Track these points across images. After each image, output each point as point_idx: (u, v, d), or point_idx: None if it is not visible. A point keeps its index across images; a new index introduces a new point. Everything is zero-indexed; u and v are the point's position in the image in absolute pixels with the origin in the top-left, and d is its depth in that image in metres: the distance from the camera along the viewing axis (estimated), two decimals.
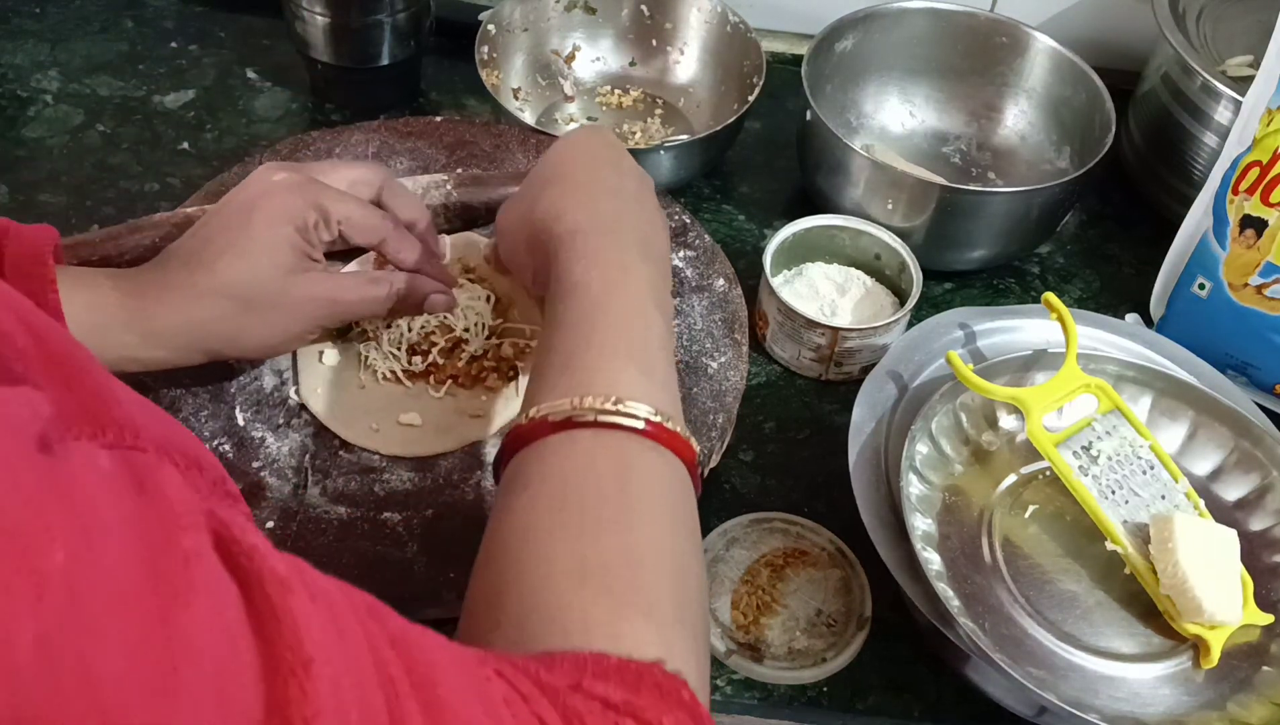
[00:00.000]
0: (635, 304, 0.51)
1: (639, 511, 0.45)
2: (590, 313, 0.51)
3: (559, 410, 0.47)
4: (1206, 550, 0.63)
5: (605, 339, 0.50)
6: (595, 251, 0.53)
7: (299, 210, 0.60)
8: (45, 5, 1.01)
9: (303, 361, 0.67)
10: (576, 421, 0.46)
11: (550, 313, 0.52)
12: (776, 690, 0.65)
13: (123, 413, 0.34)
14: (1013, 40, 0.92)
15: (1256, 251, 0.75)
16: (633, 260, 0.53)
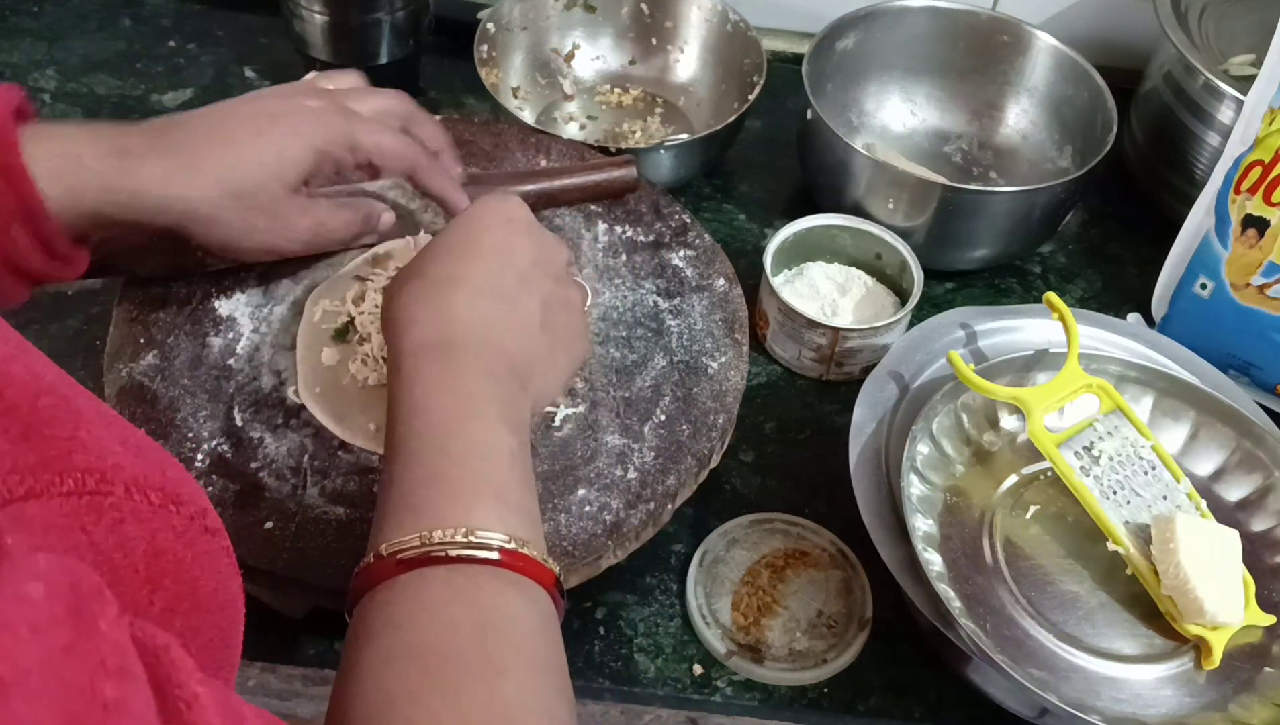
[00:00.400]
0: (480, 430, 0.48)
1: (501, 662, 0.42)
2: (433, 441, 0.47)
3: (408, 547, 0.44)
4: (1208, 551, 0.63)
5: (450, 471, 0.47)
6: (437, 373, 0.49)
7: (325, 137, 0.60)
8: (43, 4, 1.00)
9: (302, 361, 0.66)
10: (427, 558, 0.43)
11: (391, 436, 0.49)
12: (777, 691, 0.65)
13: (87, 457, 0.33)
14: (1014, 39, 0.92)
15: (1258, 251, 0.75)
16: (477, 380, 0.50)
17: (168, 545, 0.36)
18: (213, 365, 0.66)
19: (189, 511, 0.37)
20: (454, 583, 0.44)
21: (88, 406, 0.38)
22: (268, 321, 0.69)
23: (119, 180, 0.56)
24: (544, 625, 0.45)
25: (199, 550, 0.37)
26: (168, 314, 0.68)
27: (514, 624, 0.44)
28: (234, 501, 0.61)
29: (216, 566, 0.38)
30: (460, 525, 0.44)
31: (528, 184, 0.75)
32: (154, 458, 0.38)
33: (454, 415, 0.48)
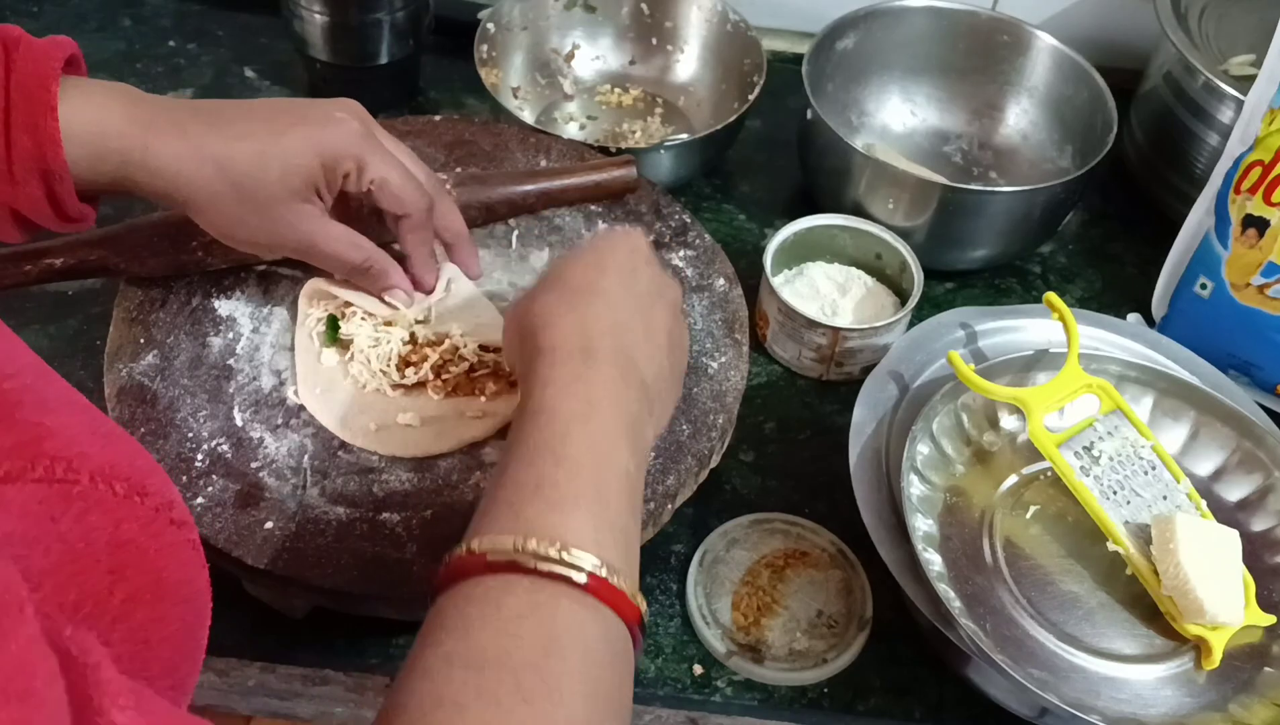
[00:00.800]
0: (601, 442, 0.48)
1: (558, 687, 0.41)
2: (551, 445, 0.47)
3: (499, 549, 0.43)
4: (1208, 551, 0.63)
5: (560, 478, 0.46)
6: (569, 376, 0.49)
7: (338, 148, 0.60)
8: (43, 3, 1.00)
9: (301, 361, 0.66)
10: (515, 566, 0.43)
11: (512, 432, 0.48)
12: (777, 691, 0.65)
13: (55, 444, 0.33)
14: (1014, 39, 0.92)
15: (1258, 251, 0.74)
16: (608, 392, 0.49)
17: (131, 536, 0.36)
18: (213, 365, 0.66)
19: (155, 503, 0.37)
20: (534, 597, 0.43)
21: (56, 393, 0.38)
22: (268, 321, 0.69)
23: (138, 155, 0.57)
24: (614, 659, 0.44)
25: (164, 542, 0.37)
26: (168, 314, 0.68)
27: (582, 652, 0.43)
28: (234, 501, 0.60)
29: (181, 558, 0.38)
30: (556, 539, 0.43)
31: (528, 184, 0.75)
32: (122, 447, 0.38)
33: (577, 421, 0.48)
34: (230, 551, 0.59)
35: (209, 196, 0.59)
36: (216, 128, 0.60)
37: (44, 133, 0.55)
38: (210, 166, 0.58)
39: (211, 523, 0.60)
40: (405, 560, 0.59)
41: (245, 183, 0.59)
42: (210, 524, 0.59)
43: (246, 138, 0.59)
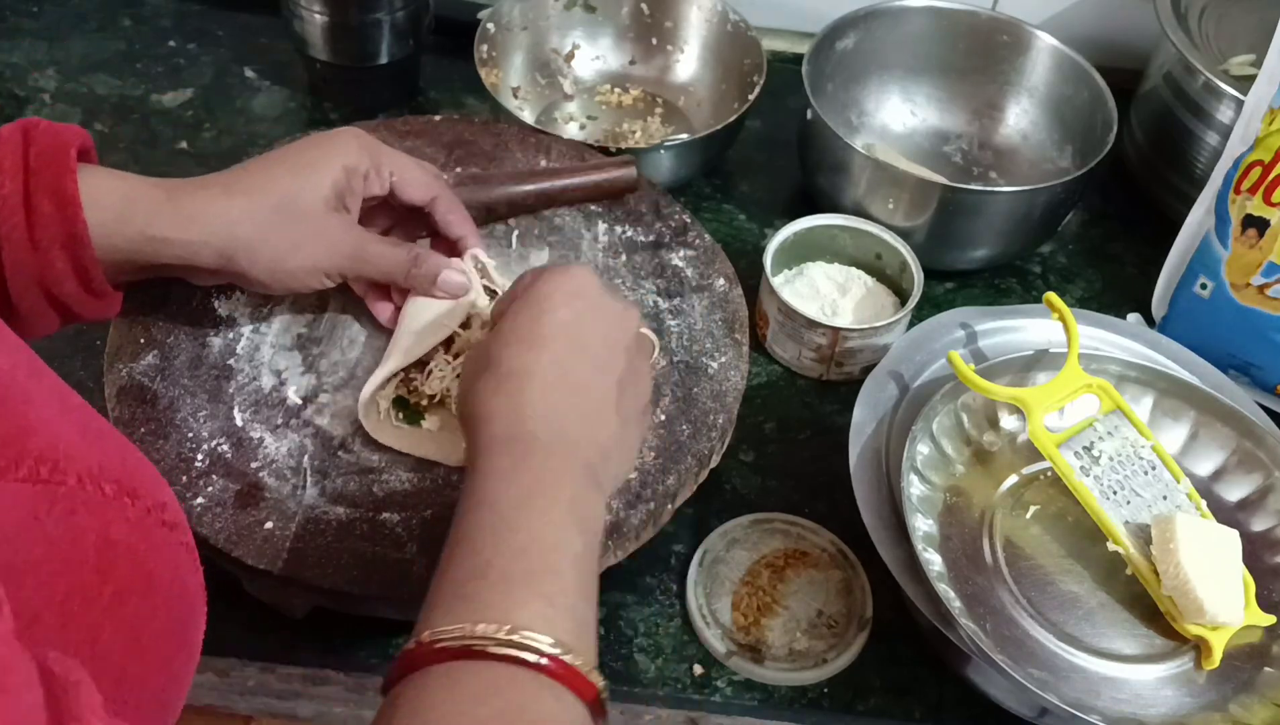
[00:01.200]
0: (545, 526, 0.47)
1: None
2: (494, 533, 0.47)
3: (449, 637, 0.43)
4: (1208, 551, 0.63)
5: (505, 563, 0.46)
6: (507, 467, 0.49)
7: (354, 154, 0.62)
8: (42, 4, 1.00)
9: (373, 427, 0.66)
10: (467, 651, 0.42)
11: (455, 525, 0.48)
12: (777, 691, 0.65)
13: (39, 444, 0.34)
14: (1014, 39, 0.92)
15: (1258, 251, 0.74)
16: (547, 477, 0.49)
17: (120, 536, 0.36)
18: (213, 365, 0.66)
19: (146, 504, 0.37)
20: (487, 678, 0.42)
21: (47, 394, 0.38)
22: (268, 321, 0.69)
23: (166, 207, 0.58)
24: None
25: (154, 542, 0.38)
26: (168, 314, 0.68)
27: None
28: (234, 501, 0.60)
29: (173, 559, 0.39)
30: (505, 622, 0.43)
31: (528, 184, 0.75)
32: (114, 447, 0.38)
33: (518, 509, 0.48)
34: (230, 551, 0.59)
35: (254, 228, 0.59)
36: (238, 173, 0.61)
37: (65, 195, 0.55)
38: (248, 198, 0.59)
39: (211, 523, 0.60)
40: (405, 560, 0.59)
41: (287, 203, 0.60)
42: (210, 524, 0.59)
43: (272, 168, 0.61)
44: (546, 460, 0.49)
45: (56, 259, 0.56)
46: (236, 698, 0.65)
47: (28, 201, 0.55)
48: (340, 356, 0.68)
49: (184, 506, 0.60)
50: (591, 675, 0.44)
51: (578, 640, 0.45)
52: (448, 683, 0.42)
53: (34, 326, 0.59)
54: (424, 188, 0.66)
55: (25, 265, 0.56)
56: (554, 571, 0.46)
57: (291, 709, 0.65)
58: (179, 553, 0.39)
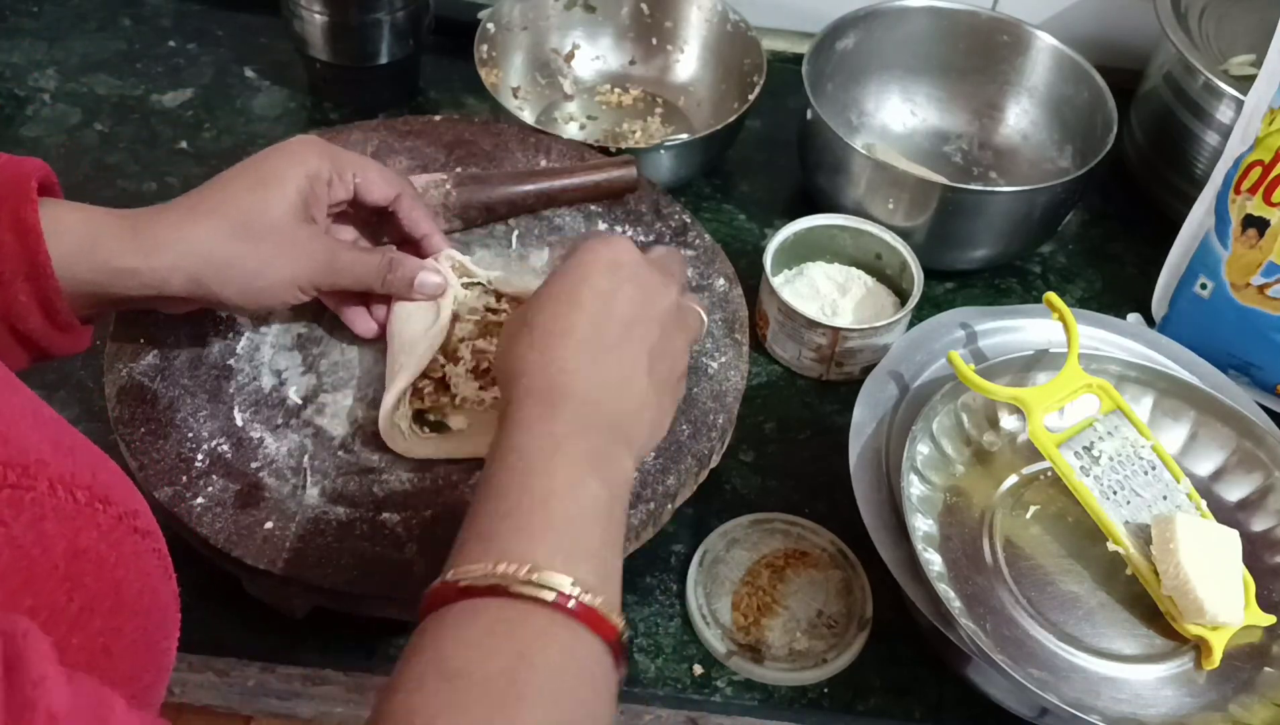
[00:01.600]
0: (568, 473, 0.49)
1: (527, 697, 0.42)
2: (520, 480, 0.48)
3: (469, 576, 0.44)
4: (1208, 551, 0.63)
5: (527, 506, 0.47)
6: (535, 418, 0.50)
7: (314, 162, 0.62)
8: (43, 3, 1.00)
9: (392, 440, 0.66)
10: (487, 590, 0.44)
11: (484, 474, 0.50)
12: (777, 691, 0.65)
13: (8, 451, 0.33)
14: (1014, 39, 0.92)
15: (1258, 251, 0.74)
16: (574, 428, 0.50)
17: (90, 544, 0.36)
18: (213, 365, 0.66)
19: (118, 511, 0.37)
20: (505, 615, 0.44)
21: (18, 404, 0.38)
22: (268, 321, 0.69)
23: (129, 236, 0.57)
24: (590, 676, 0.45)
25: (124, 551, 0.37)
26: (168, 314, 0.68)
27: (554, 665, 0.44)
28: (234, 501, 0.60)
29: (144, 568, 0.38)
30: (525, 562, 0.44)
31: (528, 184, 0.75)
32: (86, 459, 0.38)
33: (543, 457, 0.49)
34: (230, 551, 0.59)
35: (223, 249, 0.59)
36: (198, 194, 0.60)
37: (25, 225, 0.54)
38: (213, 219, 0.59)
39: (211, 523, 0.60)
40: (405, 560, 0.59)
41: (253, 219, 0.59)
42: (210, 524, 0.59)
43: (231, 188, 0.60)
44: (576, 412, 0.50)
45: (20, 292, 0.55)
46: (236, 698, 0.65)
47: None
48: (340, 356, 0.68)
49: (184, 507, 0.60)
50: (612, 616, 0.45)
51: (600, 583, 0.46)
52: (466, 619, 0.44)
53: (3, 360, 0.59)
54: (387, 186, 0.65)
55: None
56: (578, 517, 0.47)
57: (291, 709, 0.65)
58: (150, 561, 0.39)
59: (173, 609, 0.41)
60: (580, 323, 0.52)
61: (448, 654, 0.43)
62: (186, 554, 0.63)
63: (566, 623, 0.44)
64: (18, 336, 0.57)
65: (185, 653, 0.64)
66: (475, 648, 0.43)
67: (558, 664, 0.44)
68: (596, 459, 0.50)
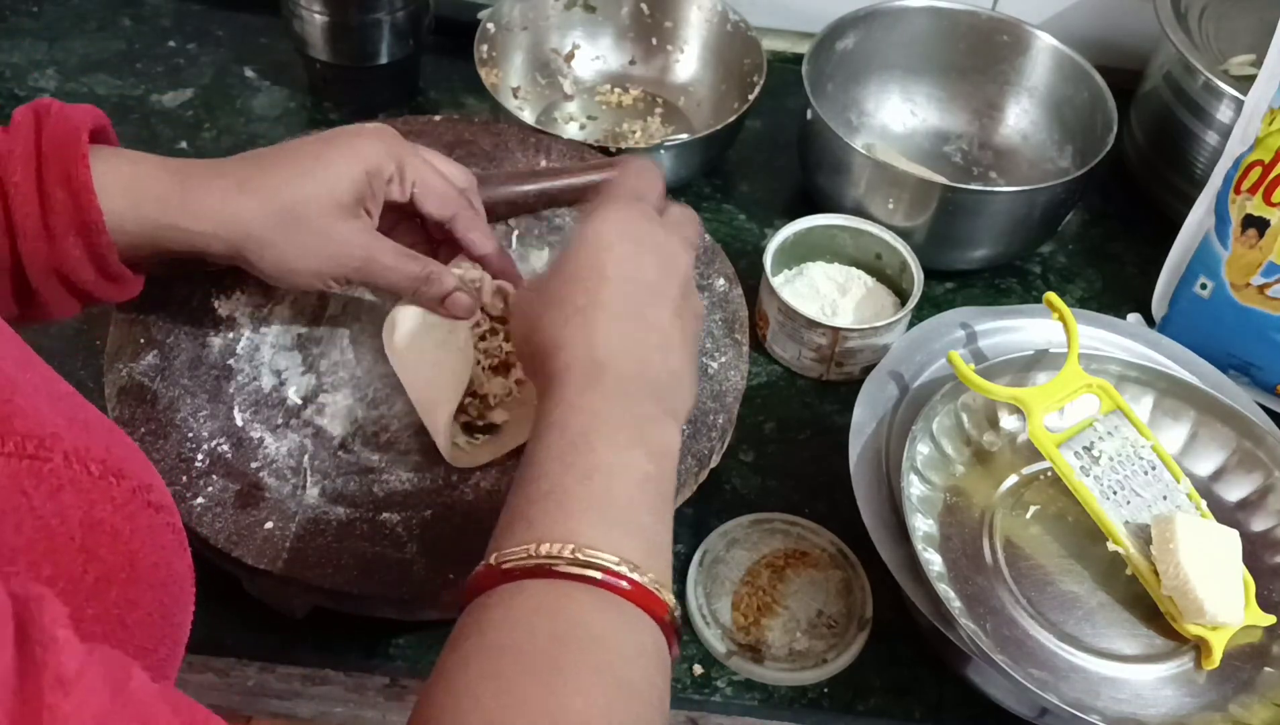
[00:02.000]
0: (611, 448, 0.48)
1: (574, 675, 0.41)
2: (561, 457, 0.47)
3: (512, 558, 0.44)
4: (1208, 551, 0.63)
5: (570, 484, 0.46)
6: (576, 393, 0.49)
7: (378, 156, 0.60)
8: (43, 3, 1.00)
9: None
10: (530, 571, 0.43)
11: (527, 451, 0.49)
12: (777, 691, 0.65)
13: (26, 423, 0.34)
14: (1014, 39, 0.92)
15: (1258, 251, 0.74)
16: (616, 401, 0.49)
17: (105, 516, 0.36)
18: (213, 365, 0.66)
19: (131, 485, 0.37)
20: (548, 595, 0.43)
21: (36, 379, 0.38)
22: (267, 321, 0.69)
23: (177, 197, 0.57)
24: (639, 652, 0.44)
25: (139, 524, 0.37)
26: (168, 314, 0.68)
27: (600, 642, 0.43)
28: (234, 501, 0.61)
29: (159, 541, 0.38)
30: (569, 541, 0.44)
31: (528, 184, 0.75)
32: (100, 434, 0.38)
33: (585, 434, 0.48)
34: (230, 551, 0.59)
35: (262, 229, 0.58)
36: (254, 164, 0.60)
37: (78, 183, 0.54)
38: (259, 198, 0.58)
39: (211, 523, 0.60)
40: (405, 560, 0.59)
41: (299, 207, 0.59)
42: (210, 524, 0.59)
43: (288, 166, 0.59)
44: (616, 386, 0.50)
45: (72, 247, 0.55)
46: (236, 698, 0.65)
47: (40, 189, 0.54)
48: (340, 356, 0.68)
49: (184, 507, 0.60)
50: (662, 593, 0.45)
51: (647, 558, 0.45)
52: (509, 601, 0.43)
53: (54, 310, 0.59)
54: (442, 204, 0.64)
55: (40, 253, 0.55)
56: (621, 491, 0.47)
57: (291, 709, 0.65)
58: (165, 535, 0.39)
59: (188, 582, 0.40)
60: (610, 294, 0.52)
61: (491, 634, 0.42)
62: None
63: (614, 600, 0.43)
64: (69, 286, 0.58)
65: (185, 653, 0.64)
66: (519, 626, 0.42)
67: (606, 642, 0.43)
68: (640, 430, 0.49)
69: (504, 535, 0.46)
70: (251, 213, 0.58)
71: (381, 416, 0.65)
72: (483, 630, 0.43)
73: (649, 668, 0.44)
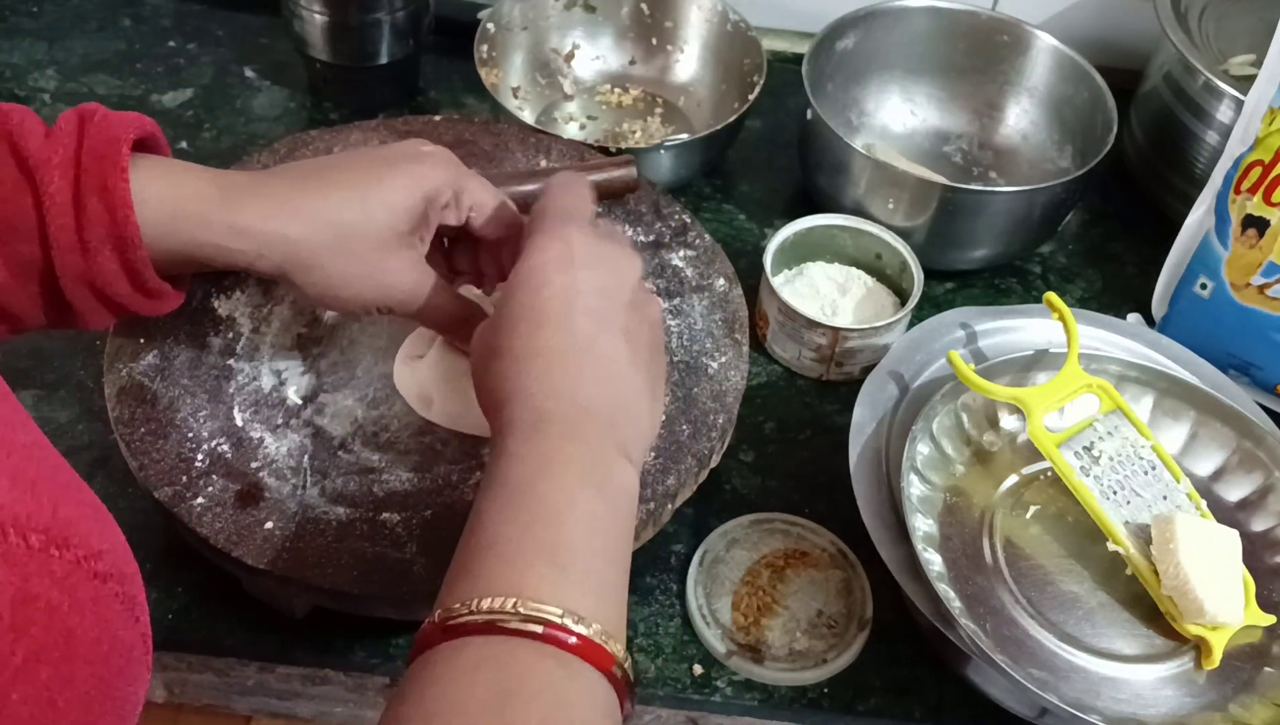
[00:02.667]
0: (557, 494, 0.46)
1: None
2: (503, 508, 0.46)
3: (455, 615, 0.42)
4: (1208, 551, 0.63)
5: (514, 535, 0.45)
6: (519, 446, 0.48)
7: (437, 183, 0.58)
8: (43, 3, 1.00)
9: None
10: (472, 627, 0.42)
11: (472, 512, 0.48)
12: (777, 691, 0.65)
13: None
14: (1014, 39, 0.92)
15: (1258, 251, 0.75)
16: (562, 447, 0.48)
17: (41, 591, 0.33)
18: (213, 365, 0.66)
19: (76, 555, 0.34)
20: (491, 652, 0.42)
21: None
22: (267, 321, 0.69)
23: (218, 214, 0.55)
24: (586, 706, 0.42)
25: (81, 596, 0.35)
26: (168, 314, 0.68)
27: (544, 695, 0.41)
28: (234, 501, 0.60)
29: (103, 613, 0.36)
30: (511, 594, 0.42)
31: (528, 184, 0.75)
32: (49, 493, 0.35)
33: (530, 483, 0.47)
34: (230, 551, 0.59)
35: (310, 253, 0.56)
36: (303, 182, 0.57)
37: (115, 196, 0.52)
38: (306, 219, 0.55)
39: (211, 523, 0.60)
40: (405, 560, 0.59)
41: (351, 232, 0.56)
42: (210, 524, 0.59)
43: (342, 186, 0.56)
44: (562, 429, 0.48)
45: (107, 261, 0.54)
46: (236, 697, 0.65)
47: (77, 201, 0.52)
48: (340, 356, 0.68)
49: (184, 507, 0.60)
50: (610, 645, 0.43)
51: (597, 607, 0.44)
52: (450, 659, 0.42)
53: (88, 321, 0.57)
54: (499, 228, 0.61)
55: (74, 266, 0.54)
56: (570, 538, 0.45)
57: (291, 709, 0.65)
58: (111, 605, 0.36)
59: (138, 652, 0.38)
60: (548, 337, 0.50)
61: (430, 695, 0.41)
62: (186, 554, 0.64)
63: (557, 655, 0.42)
64: (103, 300, 0.56)
65: (185, 653, 0.65)
66: (458, 685, 0.41)
67: (548, 694, 0.41)
68: (590, 470, 0.48)
69: (448, 591, 0.44)
70: (299, 234, 0.55)
71: (381, 416, 0.65)
72: (420, 690, 0.41)
73: (593, 719, 0.42)
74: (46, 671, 0.33)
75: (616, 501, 0.48)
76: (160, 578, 0.66)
